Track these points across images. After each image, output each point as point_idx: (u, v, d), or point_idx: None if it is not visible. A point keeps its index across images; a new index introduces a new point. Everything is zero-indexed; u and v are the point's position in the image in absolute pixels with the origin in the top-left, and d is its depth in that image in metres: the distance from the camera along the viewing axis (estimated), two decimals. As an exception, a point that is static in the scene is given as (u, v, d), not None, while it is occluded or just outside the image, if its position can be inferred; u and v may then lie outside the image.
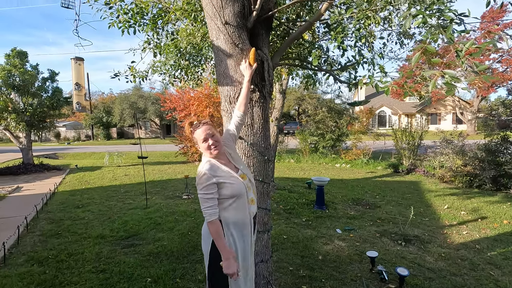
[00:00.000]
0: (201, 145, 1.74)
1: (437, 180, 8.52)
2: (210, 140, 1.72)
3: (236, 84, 2.05)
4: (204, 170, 1.67)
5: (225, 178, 1.70)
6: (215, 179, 1.66)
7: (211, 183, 1.65)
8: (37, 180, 8.79)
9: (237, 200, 1.71)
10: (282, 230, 4.37)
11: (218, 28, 1.94)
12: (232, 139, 1.89)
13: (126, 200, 6.23)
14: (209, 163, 1.71)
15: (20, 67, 10.59)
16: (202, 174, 1.67)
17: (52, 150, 20.82)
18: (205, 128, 1.74)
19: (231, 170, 1.74)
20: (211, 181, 1.65)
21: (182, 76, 3.93)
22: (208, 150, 1.73)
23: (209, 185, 1.65)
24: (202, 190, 1.66)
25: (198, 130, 1.75)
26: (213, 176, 1.66)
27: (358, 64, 2.48)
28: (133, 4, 2.67)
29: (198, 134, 1.74)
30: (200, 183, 1.67)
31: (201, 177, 1.67)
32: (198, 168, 1.72)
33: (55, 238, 4.13)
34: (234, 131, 1.90)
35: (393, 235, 4.27)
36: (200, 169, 1.70)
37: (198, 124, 1.77)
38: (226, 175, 1.71)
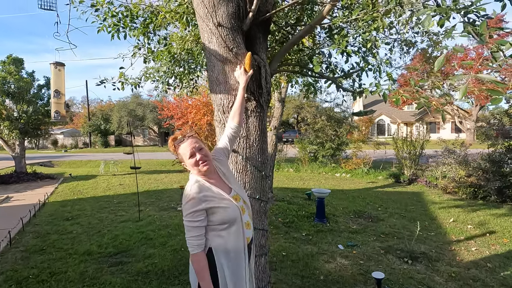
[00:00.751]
0: (188, 161, 1.52)
1: (440, 191, 8.30)
2: (197, 155, 1.50)
3: (230, 92, 1.86)
4: (192, 194, 1.44)
5: (216, 201, 1.47)
6: (204, 205, 1.44)
7: (198, 209, 1.42)
8: (29, 190, 8.52)
9: (230, 226, 1.48)
10: (281, 246, 4.13)
11: (210, 31, 1.76)
12: (225, 153, 1.68)
13: (119, 212, 5.97)
14: (197, 184, 1.49)
15: (16, 74, 10.44)
16: (190, 198, 1.44)
17: (48, 157, 20.53)
18: (191, 141, 1.51)
19: (222, 192, 1.52)
20: (199, 207, 1.42)
21: (176, 83, 3.76)
22: (196, 167, 1.50)
23: (196, 212, 1.42)
24: (187, 217, 1.43)
25: (183, 145, 1.52)
26: (201, 200, 1.44)
27: (362, 71, 2.30)
28: (122, 6, 2.50)
29: (183, 149, 1.52)
30: (186, 208, 1.44)
31: (187, 202, 1.44)
32: (185, 189, 1.50)
33: (38, 254, 3.87)
34: (226, 145, 1.69)
35: (399, 252, 4.03)
36: (187, 191, 1.47)
37: (182, 139, 1.53)
38: (217, 198, 1.48)
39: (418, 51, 5.09)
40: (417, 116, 33.45)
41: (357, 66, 2.53)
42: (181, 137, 1.55)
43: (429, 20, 1.17)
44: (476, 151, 8.76)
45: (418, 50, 5.10)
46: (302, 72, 2.44)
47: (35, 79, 11.12)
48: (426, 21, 1.17)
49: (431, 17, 1.17)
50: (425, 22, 1.18)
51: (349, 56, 2.08)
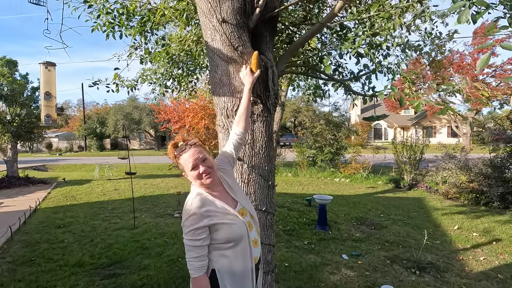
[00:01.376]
0: (190, 173, 1.36)
1: (441, 196, 8.19)
2: (201, 167, 1.34)
3: (234, 94, 1.70)
4: (193, 209, 1.29)
5: (220, 217, 1.31)
6: (206, 221, 1.28)
7: (200, 226, 1.26)
8: (20, 195, 8.25)
9: (236, 245, 1.32)
10: (283, 256, 3.95)
11: (213, 27, 1.61)
12: (230, 162, 1.51)
13: (113, 219, 5.76)
14: (199, 198, 1.33)
15: (9, 76, 10.21)
16: (190, 213, 1.28)
17: (42, 161, 20.17)
18: (194, 151, 1.35)
19: (227, 206, 1.36)
20: (200, 223, 1.27)
21: (174, 86, 3.59)
22: (198, 180, 1.35)
23: (198, 230, 1.26)
24: (188, 235, 1.27)
25: (185, 155, 1.36)
26: (203, 216, 1.28)
27: (374, 73, 2.16)
28: (117, 3, 2.34)
29: (185, 160, 1.36)
30: (186, 225, 1.28)
31: (188, 218, 1.28)
32: (185, 203, 1.35)
33: (26, 266, 3.65)
34: (232, 153, 1.52)
35: (405, 262, 3.87)
36: (188, 206, 1.32)
37: (184, 147, 1.37)
38: (221, 214, 1.32)
39: (422, 55, 4.98)
40: (414, 120, 33.58)
41: (365, 68, 2.39)
42: (182, 145, 1.38)
43: (466, 14, 1.03)
44: (477, 155, 8.68)
45: (422, 55, 5.00)
46: (310, 74, 2.30)
47: (29, 81, 10.89)
48: (463, 16, 1.03)
49: (468, 11, 1.03)
50: (461, 16, 1.04)
51: (361, 57, 1.94)
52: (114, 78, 2.69)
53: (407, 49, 4.31)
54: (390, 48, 2.20)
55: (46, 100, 2.15)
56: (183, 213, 1.33)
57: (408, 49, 4.40)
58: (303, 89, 3.90)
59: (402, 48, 2.40)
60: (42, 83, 2.17)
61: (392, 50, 2.26)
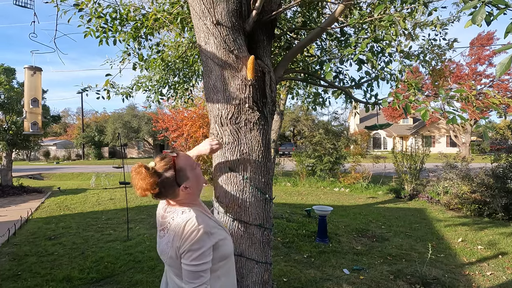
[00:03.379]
0: (196, 173, 1.25)
1: (443, 207, 8.04)
2: (199, 167, 1.28)
3: (229, 101, 1.60)
4: (202, 228, 1.11)
5: (219, 233, 1.19)
6: (213, 239, 1.14)
7: (210, 246, 1.12)
8: (12, 205, 8.06)
9: (227, 262, 1.22)
10: (281, 271, 3.78)
11: (207, 30, 1.52)
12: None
13: (106, 230, 5.58)
14: (199, 214, 1.18)
15: (6, 84, 10.15)
16: (200, 233, 1.10)
17: (38, 170, 19.97)
18: (185, 155, 1.27)
19: (216, 219, 1.29)
20: (210, 242, 1.12)
21: (170, 94, 3.50)
22: (202, 180, 1.28)
23: (208, 250, 1.12)
24: (198, 259, 1.08)
25: (182, 154, 1.25)
26: (211, 234, 1.14)
27: (376, 80, 2.07)
28: (110, 7, 2.26)
29: (186, 158, 1.23)
30: (195, 248, 1.08)
31: (196, 239, 1.09)
32: (186, 225, 1.12)
33: (12, 281, 3.47)
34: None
35: (409, 277, 3.71)
36: (192, 225, 1.11)
37: (172, 151, 1.25)
38: (217, 229, 1.21)
39: (422, 64, 4.93)
40: (413, 129, 33.62)
41: (367, 75, 2.31)
42: (172, 152, 1.24)
43: (482, 13, 0.93)
44: (478, 165, 8.57)
45: (423, 64, 4.94)
46: (310, 80, 2.21)
47: (26, 89, 10.83)
48: (478, 16, 0.94)
49: (484, 10, 0.93)
50: (476, 17, 0.94)
51: (363, 64, 1.85)
52: (105, 84, 2.59)
53: (409, 58, 4.26)
54: (393, 54, 2.12)
55: (34, 107, 2.05)
56: (183, 236, 1.11)
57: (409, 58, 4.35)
58: (302, 97, 3.81)
59: (405, 54, 2.33)
60: (27, 88, 2.07)
61: (394, 56, 2.18)
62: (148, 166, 1.14)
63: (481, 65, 25.55)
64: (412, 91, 1.68)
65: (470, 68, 25.75)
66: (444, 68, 5.86)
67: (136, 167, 1.13)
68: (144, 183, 1.10)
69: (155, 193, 1.13)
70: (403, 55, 2.27)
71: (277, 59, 2.41)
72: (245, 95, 1.57)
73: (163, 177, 1.13)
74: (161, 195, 1.17)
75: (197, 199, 1.31)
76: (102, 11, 2.22)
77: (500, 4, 0.92)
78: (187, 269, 1.09)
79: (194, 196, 1.25)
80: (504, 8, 0.92)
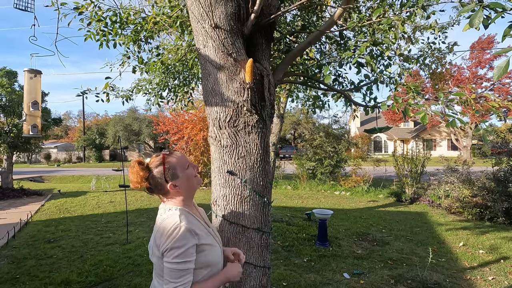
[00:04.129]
0: (186, 172, 1.22)
1: (444, 211, 8.00)
2: (193, 168, 1.26)
3: (228, 104, 1.59)
4: (183, 225, 1.09)
5: (205, 237, 1.17)
6: (197, 239, 1.12)
7: (192, 245, 1.09)
8: (12, 207, 8.06)
9: (211, 270, 1.20)
10: (281, 275, 3.76)
11: (206, 33, 1.52)
12: None
13: (106, 233, 5.56)
14: (184, 213, 1.17)
15: (8, 87, 10.20)
16: (181, 231, 1.08)
17: (39, 172, 19.99)
18: (181, 154, 1.27)
19: (204, 224, 1.25)
20: (193, 241, 1.10)
21: (170, 97, 3.50)
22: (193, 180, 1.25)
23: (191, 249, 1.09)
24: (179, 257, 1.05)
25: (177, 153, 1.26)
26: (195, 233, 1.12)
27: (375, 83, 2.06)
28: (110, 11, 2.27)
29: (180, 157, 1.25)
30: (176, 246, 1.06)
31: (177, 236, 1.07)
32: (166, 221, 1.13)
33: (10, 284, 3.46)
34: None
35: (410, 282, 3.67)
36: (174, 223, 1.10)
37: (168, 151, 1.27)
38: (204, 233, 1.18)
39: (422, 67, 4.93)
40: (414, 133, 33.57)
41: (366, 78, 2.30)
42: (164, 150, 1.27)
43: (480, 17, 0.93)
44: (479, 169, 8.53)
45: (422, 67, 4.95)
46: (309, 84, 2.20)
47: (27, 92, 10.87)
48: (476, 19, 0.94)
49: (482, 14, 0.93)
50: (474, 20, 0.94)
51: (362, 67, 1.84)
52: (105, 87, 2.59)
53: (408, 61, 4.26)
54: (392, 58, 2.12)
55: (34, 110, 2.05)
56: (165, 233, 1.10)
57: (408, 62, 4.35)
58: (302, 100, 3.81)
59: (404, 58, 2.32)
60: (26, 91, 2.07)
61: (393, 60, 2.18)
62: (143, 161, 1.22)
63: (481, 69, 25.57)
64: (411, 94, 1.68)
65: (470, 72, 25.75)
66: (444, 72, 5.86)
67: (132, 162, 1.21)
68: (135, 176, 1.19)
69: (146, 187, 1.21)
70: (402, 58, 2.27)
71: (276, 62, 2.42)
72: (243, 98, 1.57)
73: (153, 173, 1.19)
74: (152, 191, 1.23)
75: (189, 201, 1.28)
76: (102, 15, 2.24)
77: (498, 8, 0.92)
78: (169, 267, 1.07)
79: (185, 196, 1.24)
80: (502, 12, 0.91)
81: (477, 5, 0.93)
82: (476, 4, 0.93)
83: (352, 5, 1.72)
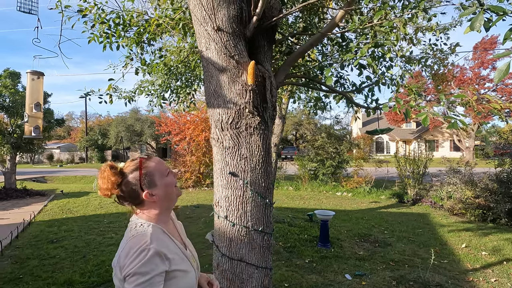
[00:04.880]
0: (165, 180, 1.07)
1: (447, 212, 7.97)
2: (173, 177, 1.10)
3: (230, 106, 1.61)
4: (153, 247, 0.93)
5: (178, 262, 1.01)
6: (167, 265, 0.96)
7: (160, 272, 0.93)
8: (16, 207, 8.11)
9: None
10: (282, 276, 3.76)
11: (208, 35, 1.53)
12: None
13: (108, 233, 5.59)
14: (156, 231, 1.01)
15: (11, 88, 10.28)
16: (150, 254, 0.92)
17: (42, 173, 20.08)
18: (159, 159, 1.11)
19: (183, 247, 1.10)
20: (162, 267, 0.94)
21: (172, 98, 3.52)
22: (176, 189, 1.10)
23: (158, 277, 0.93)
24: (140, 285, 0.89)
25: (156, 159, 1.10)
26: (166, 258, 0.96)
27: (377, 84, 2.07)
28: (113, 13, 2.29)
29: (158, 163, 1.08)
30: (138, 272, 0.90)
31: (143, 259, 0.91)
32: (134, 238, 0.97)
33: (13, 284, 3.48)
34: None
35: (412, 283, 3.67)
36: (141, 241, 0.94)
37: (147, 156, 1.12)
38: (178, 257, 1.02)
39: (424, 68, 4.92)
40: (416, 134, 33.47)
41: (368, 80, 2.31)
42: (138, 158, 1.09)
43: (480, 20, 0.94)
44: (482, 170, 8.50)
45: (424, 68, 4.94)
46: (311, 85, 2.21)
47: (31, 93, 10.94)
48: (476, 22, 0.94)
49: (482, 17, 0.94)
50: (475, 23, 0.95)
51: (364, 69, 1.85)
52: (108, 89, 2.62)
53: (410, 62, 4.26)
54: (394, 59, 2.12)
55: (36, 111, 2.06)
56: (130, 254, 0.93)
57: (410, 63, 4.36)
58: (304, 101, 3.82)
59: (406, 59, 2.33)
60: (29, 93, 2.08)
61: (395, 61, 2.18)
62: (116, 166, 1.05)
63: (484, 69, 25.45)
64: (413, 96, 1.68)
65: (473, 72, 25.64)
66: (447, 73, 5.84)
67: (103, 166, 1.04)
68: (105, 182, 1.01)
69: (117, 194, 1.04)
70: (404, 60, 2.27)
71: (278, 64, 2.43)
72: (245, 100, 1.58)
73: (127, 178, 1.03)
74: (124, 199, 1.06)
75: (166, 216, 1.11)
76: (105, 17, 2.26)
77: (499, 11, 0.92)
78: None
79: (161, 209, 1.08)
80: (503, 15, 0.92)
81: (478, 8, 0.94)
82: (477, 7, 0.94)
83: (354, 7, 1.73)
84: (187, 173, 11.82)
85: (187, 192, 11.25)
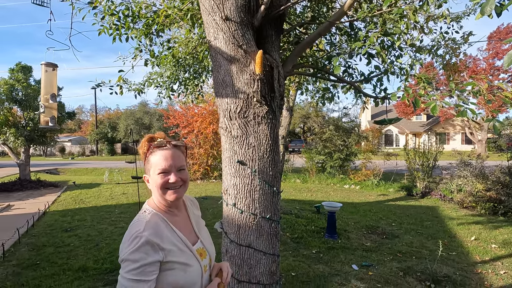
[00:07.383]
0: (155, 177, 1.03)
1: (456, 205, 7.88)
2: (173, 176, 1.02)
3: (238, 95, 1.63)
4: (146, 235, 0.91)
5: (176, 254, 0.97)
6: (161, 255, 0.93)
7: (152, 261, 0.91)
8: (31, 198, 8.37)
9: None
10: (289, 265, 3.81)
11: (217, 25, 1.55)
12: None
13: (119, 223, 5.74)
14: (155, 220, 0.98)
15: (24, 82, 10.50)
16: (141, 242, 0.90)
17: (54, 165, 20.58)
18: (173, 153, 1.04)
19: (187, 240, 1.03)
20: (155, 257, 0.91)
21: (181, 89, 3.56)
22: (160, 190, 1.02)
23: (150, 266, 0.90)
24: (132, 273, 0.88)
25: (161, 152, 1.04)
26: (159, 248, 0.93)
27: (385, 74, 2.05)
28: (122, 5, 2.32)
29: (158, 158, 1.03)
30: (131, 258, 0.89)
31: (135, 247, 0.90)
32: (132, 226, 0.97)
33: (31, 269, 3.63)
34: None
35: (419, 274, 3.67)
36: (137, 229, 0.93)
37: (164, 143, 1.06)
38: (177, 249, 0.98)
39: (435, 58, 4.81)
40: (426, 126, 32.89)
41: (376, 69, 2.29)
42: (162, 141, 1.07)
43: (491, 4, 0.93)
44: (494, 163, 8.34)
45: (435, 58, 4.83)
46: (319, 75, 2.21)
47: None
48: (487, 7, 0.93)
49: (494, 2, 0.93)
50: (486, 8, 0.94)
51: (372, 58, 1.84)
52: (118, 80, 2.66)
53: (421, 52, 4.17)
54: (403, 48, 2.09)
55: (52, 102, 2.12)
56: (126, 240, 0.94)
57: (421, 52, 4.27)
58: (312, 92, 3.81)
59: (416, 48, 2.29)
60: (44, 84, 2.14)
61: (405, 50, 2.15)
62: (155, 138, 1.09)
63: (499, 60, 24.66)
64: (422, 85, 1.67)
65: (487, 63, 24.90)
66: (459, 62, 5.69)
67: (147, 136, 1.11)
68: (142, 149, 1.09)
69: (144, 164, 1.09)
70: (414, 49, 2.23)
71: (286, 53, 2.42)
72: (253, 89, 1.60)
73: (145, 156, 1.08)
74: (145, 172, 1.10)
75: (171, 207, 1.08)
76: (115, 9, 2.29)
77: (510, -5, 0.91)
78: (120, 281, 0.91)
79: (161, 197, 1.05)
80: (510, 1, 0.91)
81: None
82: (487, -9, 0.93)
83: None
84: (195, 166, 11.95)
85: (195, 184, 11.39)
